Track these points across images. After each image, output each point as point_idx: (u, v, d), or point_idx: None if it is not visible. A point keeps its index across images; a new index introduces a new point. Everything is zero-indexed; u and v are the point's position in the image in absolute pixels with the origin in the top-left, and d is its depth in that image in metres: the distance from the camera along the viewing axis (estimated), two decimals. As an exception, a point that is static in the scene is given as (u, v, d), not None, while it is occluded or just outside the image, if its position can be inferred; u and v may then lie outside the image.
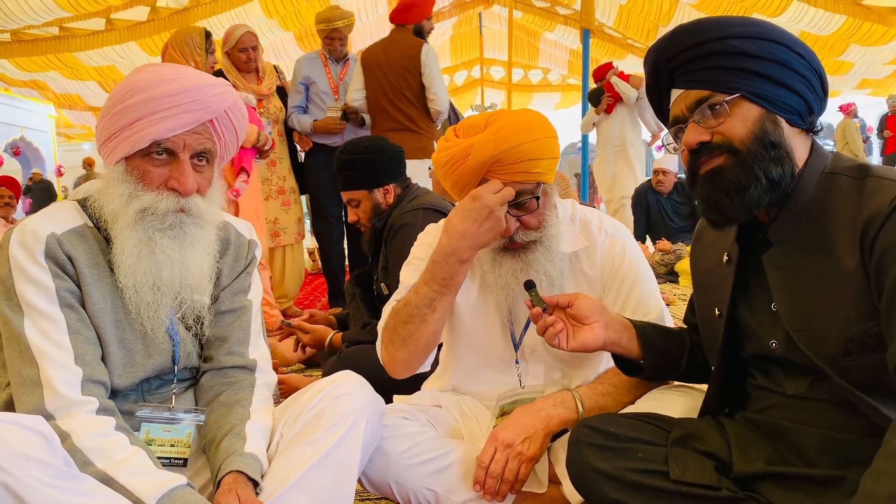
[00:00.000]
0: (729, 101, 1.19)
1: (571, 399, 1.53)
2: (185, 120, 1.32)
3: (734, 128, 1.19)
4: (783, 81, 1.18)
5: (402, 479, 1.53)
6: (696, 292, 1.47)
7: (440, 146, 1.58)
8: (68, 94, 12.28)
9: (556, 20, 12.52)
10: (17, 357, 1.26)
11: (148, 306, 1.36)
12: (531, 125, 1.52)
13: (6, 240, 1.30)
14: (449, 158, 1.52)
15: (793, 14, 9.35)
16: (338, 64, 4.50)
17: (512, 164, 1.48)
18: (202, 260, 1.41)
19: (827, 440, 1.17)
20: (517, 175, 1.50)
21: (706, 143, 1.21)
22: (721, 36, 1.19)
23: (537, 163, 1.51)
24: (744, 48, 1.18)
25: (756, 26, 1.20)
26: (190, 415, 1.42)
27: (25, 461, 1.04)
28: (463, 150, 1.50)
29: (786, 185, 1.19)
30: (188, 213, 1.36)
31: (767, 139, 1.18)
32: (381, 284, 2.73)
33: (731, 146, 1.19)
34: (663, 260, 5.65)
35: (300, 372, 3.18)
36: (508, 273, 1.57)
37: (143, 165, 1.33)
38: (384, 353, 1.63)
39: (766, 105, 1.19)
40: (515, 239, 1.55)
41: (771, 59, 1.18)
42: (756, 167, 1.17)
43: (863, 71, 11.73)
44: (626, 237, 1.71)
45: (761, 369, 1.30)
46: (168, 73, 1.35)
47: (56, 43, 9.07)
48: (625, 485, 1.24)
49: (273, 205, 4.49)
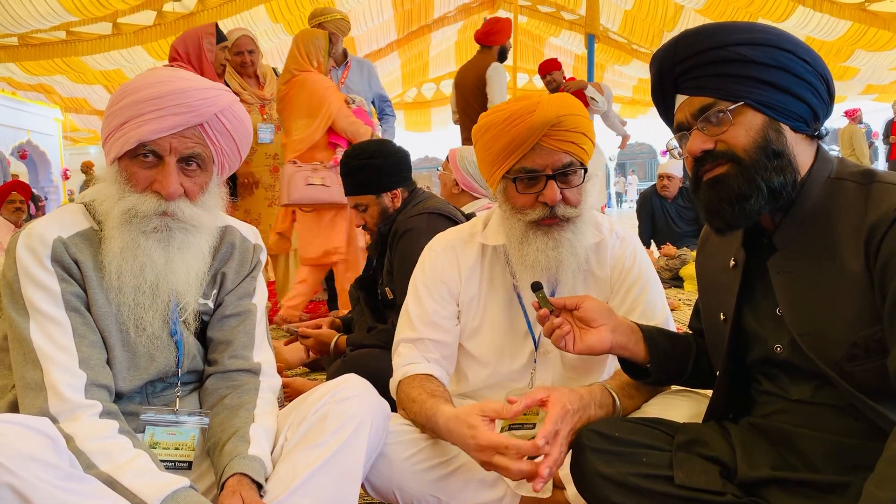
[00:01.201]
0: (733, 110, 1.18)
1: (609, 398, 1.48)
2: (170, 123, 1.32)
3: (737, 136, 1.19)
4: (788, 89, 1.18)
5: (405, 486, 1.52)
6: (702, 297, 1.47)
7: (491, 112, 1.60)
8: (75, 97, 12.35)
9: (561, 25, 12.53)
10: (22, 360, 1.26)
11: (130, 309, 1.35)
12: (581, 105, 1.59)
13: (13, 243, 1.31)
14: (511, 114, 1.53)
15: (798, 19, 9.35)
16: (338, 69, 4.50)
17: (568, 132, 1.52)
18: (189, 265, 1.39)
19: (832, 445, 1.17)
20: (569, 145, 1.53)
21: (710, 151, 1.21)
22: (727, 43, 1.19)
23: (585, 139, 1.56)
24: (749, 55, 1.17)
25: (763, 33, 1.19)
26: (194, 418, 1.42)
27: (31, 462, 1.05)
28: (528, 105, 1.52)
29: (787, 194, 1.19)
30: (173, 217, 1.35)
31: (770, 148, 1.18)
32: (385, 289, 2.73)
33: (735, 155, 1.19)
34: (668, 265, 5.64)
35: (305, 375, 3.19)
36: (538, 251, 1.56)
37: (131, 167, 1.34)
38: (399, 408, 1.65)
39: (770, 113, 1.18)
40: (556, 212, 1.55)
41: (776, 66, 1.17)
42: (758, 177, 1.17)
43: (868, 76, 11.72)
44: (636, 242, 1.73)
45: (766, 374, 1.30)
46: (161, 76, 1.35)
47: (63, 47, 9.12)
48: (629, 489, 1.24)
49: (276, 212, 4.50)
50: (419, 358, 1.66)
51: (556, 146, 1.52)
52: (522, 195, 1.56)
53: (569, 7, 11.94)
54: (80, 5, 7.73)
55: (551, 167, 1.53)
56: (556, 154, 1.52)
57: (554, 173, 1.53)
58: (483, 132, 1.59)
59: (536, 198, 1.55)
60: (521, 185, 1.56)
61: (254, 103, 4.44)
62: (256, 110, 4.44)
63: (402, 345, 1.69)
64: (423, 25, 12.20)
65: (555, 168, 1.53)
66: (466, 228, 1.78)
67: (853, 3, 9.27)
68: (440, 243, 1.77)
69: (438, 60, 14.16)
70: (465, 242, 1.74)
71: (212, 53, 3.79)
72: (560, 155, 1.53)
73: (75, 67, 9.97)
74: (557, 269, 1.58)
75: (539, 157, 1.53)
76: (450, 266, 1.72)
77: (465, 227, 1.79)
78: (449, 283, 1.71)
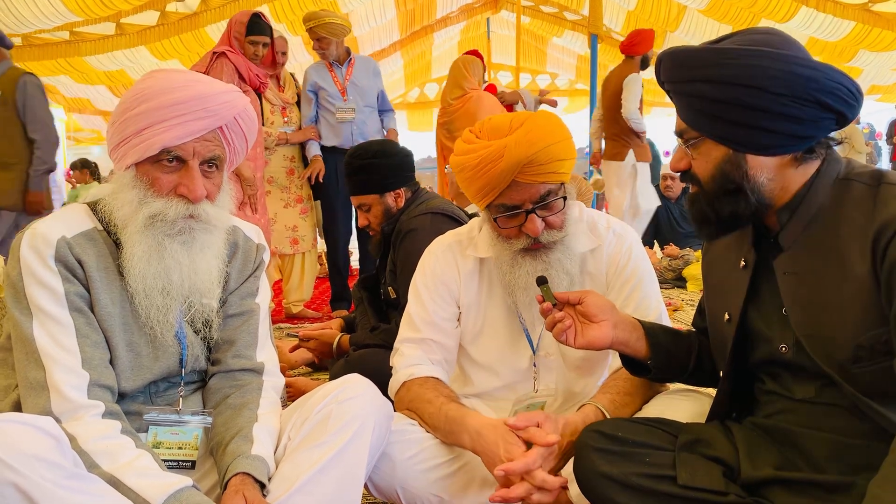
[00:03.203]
0: (694, 142, 1.23)
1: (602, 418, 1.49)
2: (195, 128, 1.33)
3: (700, 165, 1.25)
4: (752, 124, 1.16)
5: (408, 485, 1.53)
6: (708, 297, 1.47)
7: (463, 149, 1.58)
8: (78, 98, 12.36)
9: (564, 25, 12.52)
10: (25, 360, 1.27)
11: (158, 310, 1.37)
12: (556, 126, 1.55)
13: (17, 243, 1.31)
14: (480, 161, 1.51)
15: (802, 20, 9.33)
16: (342, 66, 4.54)
17: (543, 165, 1.50)
18: (211, 264, 1.41)
19: (835, 445, 1.17)
20: (547, 175, 1.51)
21: (684, 171, 1.28)
22: (689, 78, 1.20)
23: (563, 163, 1.54)
24: (708, 94, 1.17)
25: (728, 68, 1.14)
26: (197, 417, 1.43)
27: (36, 461, 1.05)
28: (495, 151, 1.49)
29: (747, 219, 1.24)
30: (197, 218, 1.37)
31: (726, 180, 1.21)
32: (388, 288, 2.73)
33: (699, 181, 1.26)
34: (671, 265, 5.62)
35: (308, 375, 3.19)
36: (528, 274, 1.57)
37: (153, 172, 1.34)
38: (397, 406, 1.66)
39: (732, 146, 1.19)
40: (541, 240, 1.56)
41: (737, 104, 1.15)
42: (714, 204, 1.23)
43: (872, 77, 11.69)
44: (634, 239, 1.73)
45: (770, 374, 1.29)
46: (178, 80, 1.35)
47: (66, 47, 9.13)
48: (632, 489, 1.24)
49: (292, 213, 4.56)
50: (424, 360, 1.66)
51: (532, 180, 1.51)
52: (505, 228, 1.57)
53: (572, 7, 11.93)
54: (84, 5, 7.74)
55: (530, 201, 1.53)
56: (534, 187, 1.52)
57: (534, 206, 1.53)
58: (458, 171, 1.59)
59: (519, 229, 1.56)
60: (503, 220, 1.56)
61: (276, 104, 4.46)
62: (279, 112, 4.47)
63: (406, 345, 1.70)
64: (426, 25, 12.19)
65: (534, 201, 1.53)
66: (465, 232, 1.78)
67: (857, 4, 9.25)
68: (439, 246, 1.78)
69: (441, 60, 14.15)
70: (463, 246, 1.75)
71: (238, 42, 3.76)
72: (537, 187, 1.52)
73: (79, 68, 9.98)
74: None
75: (516, 194, 1.52)
76: (449, 268, 1.73)
77: (463, 230, 1.80)
78: (449, 284, 1.72)
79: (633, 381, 1.56)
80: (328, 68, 4.54)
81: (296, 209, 4.56)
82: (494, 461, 1.38)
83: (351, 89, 4.52)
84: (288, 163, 4.53)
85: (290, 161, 4.55)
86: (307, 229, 4.62)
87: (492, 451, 1.39)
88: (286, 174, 4.52)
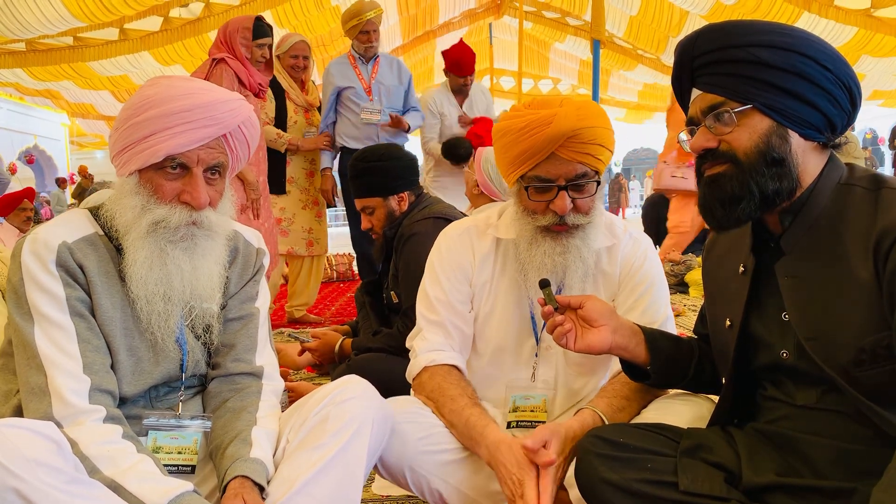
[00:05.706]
0: (740, 112, 1.18)
1: (600, 422, 1.51)
2: (199, 135, 1.33)
3: (740, 138, 1.19)
4: (802, 95, 1.16)
5: (416, 466, 1.53)
6: (708, 303, 1.47)
7: (509, 115, 1.59)
8: (81, 103, 12.42)
9: (566, 31, 12.55)
10: (26, 365, 1.27)
11: (159, 316, 1.37)
12: (604, 115, 1.58)
13: (19, 248, 1.31)
14: (527, 124, 1.52)
15: (804, 25, 9.32)
16: (367, 63, 4.42)
17: (584, 144, 1.51)
18: (212, 269, 1.41)
19: (838, 451, 1.16)
20: (585, 156, 1.52)
21: (712, 150, 1.22)
22: (744, 43, 1.17)
23: (603, 150, 1.55)
24: (764, 58, 1.16)
25: (784, 35, 1.17)
26: (197, 421, 1.43)
27: (37, 466, 1.05)
28: (545, 117, 1.50)
29: (781, 201, 1.20)
30: (199, 225, 1.37)
31: (771, 154, 1.17)
32: (391, 293, 2.73)
33: (735, 156, 1.19)
34: (673, 270, 5.62)
35: (309, 379, 3.19)
36: (545, 254, 1.58)
37: (157, 179, 1.34)
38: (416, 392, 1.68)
39: (778, 118, 1.17)
40: (566, 220, 1.56)
41: (792, 71, 1.15)
42: (752, 182, 1.18)
43: (874, 82, 11.71)
44: (649, 245, 1.75)
45: (772, 380, 1.29)
46: (183, 88, 1.36)
47: (70, 52, 9.17)
48: (633, 495, 1.23)
49: (308, 215, 4.55)
50: (446, 346, 1.68)
51: (571, 157, 1.52)
52: (534, 201, 1.57)
53: (574, 13, 11.96)
54: (88, 11, 7.77)
55: (564, 177, 1.53)
56: (571, 164, 1.53)
57: (567, 184, 1.54)
58: (500, 136, 1.59)
59: (547, 205, 1.56)
60: (534, 192, 1.57)
61: (301, 105, 4.46)
62: (302, 114, 4.48)
63: (428, 326, 1.70)
64: (428, 31, 12.24)
65: (568, 178, 1.54)
66: (482, 218, 1.80)
67: (859, 10, 9.27)
68: (456, 229, 1.79)
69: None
70: (480, 231, 1.76)
71: (246, 48, 3.76)
72: (575, 165, 1.53)
73: (82, 73, 10.02)
74: (564, 274, 1.60)
75: (553, 167, 1.53)
76: (465, 250, 1.74)
77: (480, 217, 1.81)
78: (464, 265, 1.73)
79: (631, 386, 1.56)
80: (352, 64, 4.42)
81: (312, 211, 4.56)
82: (506, 481, 1.41)
83: (376, 88, 4.40)
84: (308, 165, 4.53)
85: (311, 164, 4.54)
86: (321, 233, 4.62)
87: (507, 469, 1.42)
88: (306, 176, 4.51)
